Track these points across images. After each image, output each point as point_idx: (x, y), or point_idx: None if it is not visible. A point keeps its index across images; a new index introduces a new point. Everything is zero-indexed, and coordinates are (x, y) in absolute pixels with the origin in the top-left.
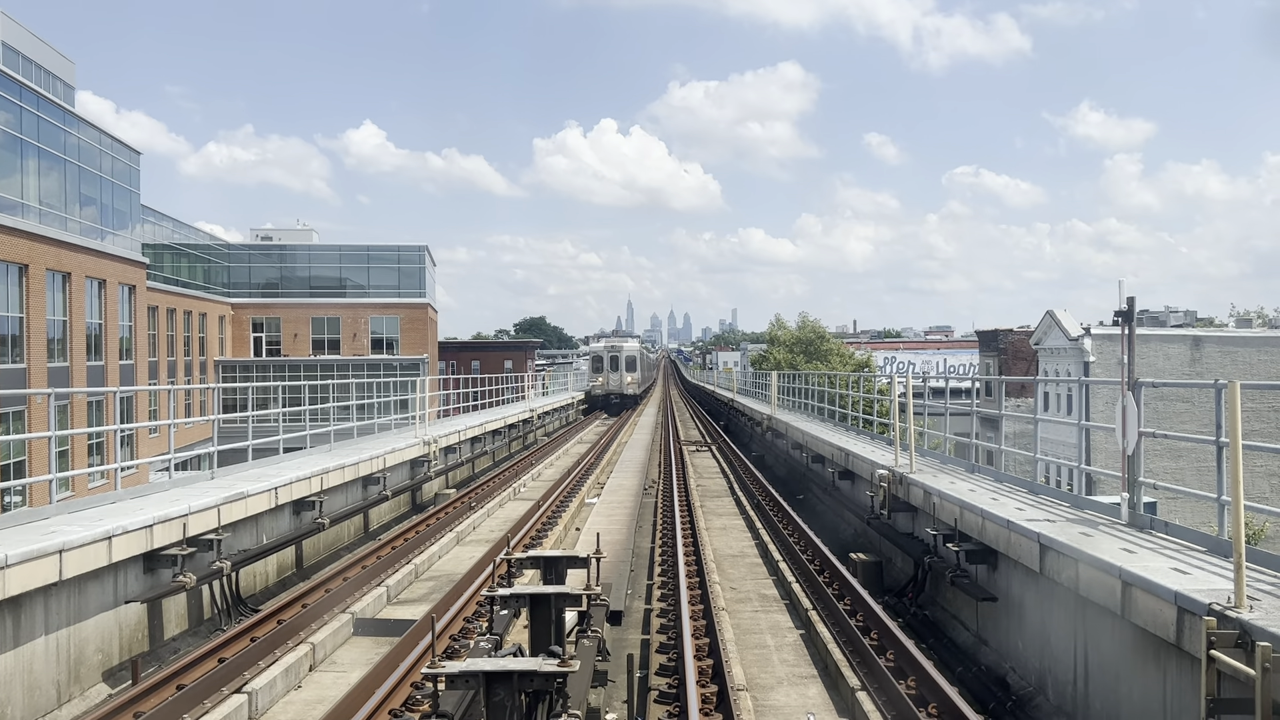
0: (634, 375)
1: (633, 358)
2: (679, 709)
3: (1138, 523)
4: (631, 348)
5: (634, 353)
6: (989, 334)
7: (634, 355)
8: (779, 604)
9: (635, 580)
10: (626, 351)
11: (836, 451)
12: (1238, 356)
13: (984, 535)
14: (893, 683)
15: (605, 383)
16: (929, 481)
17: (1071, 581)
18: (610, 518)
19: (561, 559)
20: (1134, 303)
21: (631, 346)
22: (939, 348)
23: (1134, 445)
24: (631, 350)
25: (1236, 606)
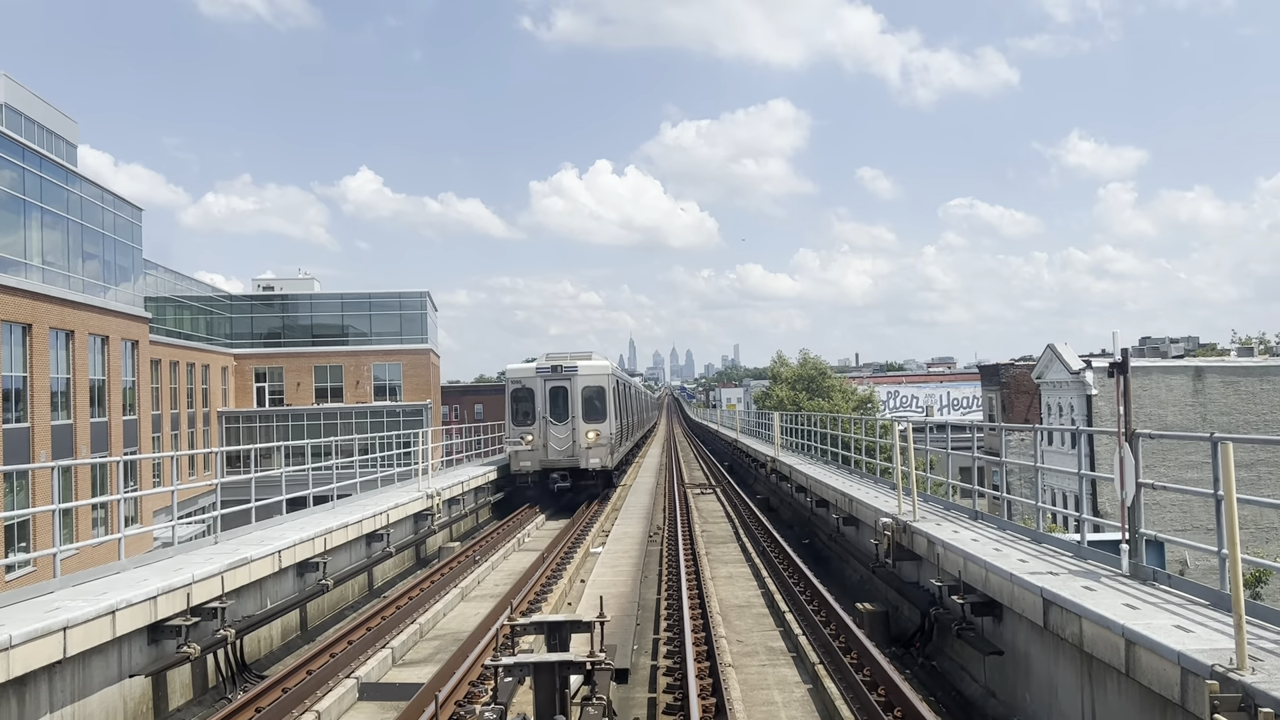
0: (602, 428)
1: (599, 391)
2: None
3: (1140, 575)
4: (596, 371)
5: (601, 381)
6: (990, 368)
7: (601, 386)
8: (786, 657)
9: (641, 634)
10: (585, 379)
11: (840, 497)
12: (1240, 387)
13: (988, 587)
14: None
15: (540, 445)
16: (932, 530)
17: (1076, 637)
18: (615, 568)
19: (565, 624)
20: (1128, 355)
21: (596, 370)
22: (941, 380)
23: (1132, 496)
24: (595, 376)
25: (1239, 668)
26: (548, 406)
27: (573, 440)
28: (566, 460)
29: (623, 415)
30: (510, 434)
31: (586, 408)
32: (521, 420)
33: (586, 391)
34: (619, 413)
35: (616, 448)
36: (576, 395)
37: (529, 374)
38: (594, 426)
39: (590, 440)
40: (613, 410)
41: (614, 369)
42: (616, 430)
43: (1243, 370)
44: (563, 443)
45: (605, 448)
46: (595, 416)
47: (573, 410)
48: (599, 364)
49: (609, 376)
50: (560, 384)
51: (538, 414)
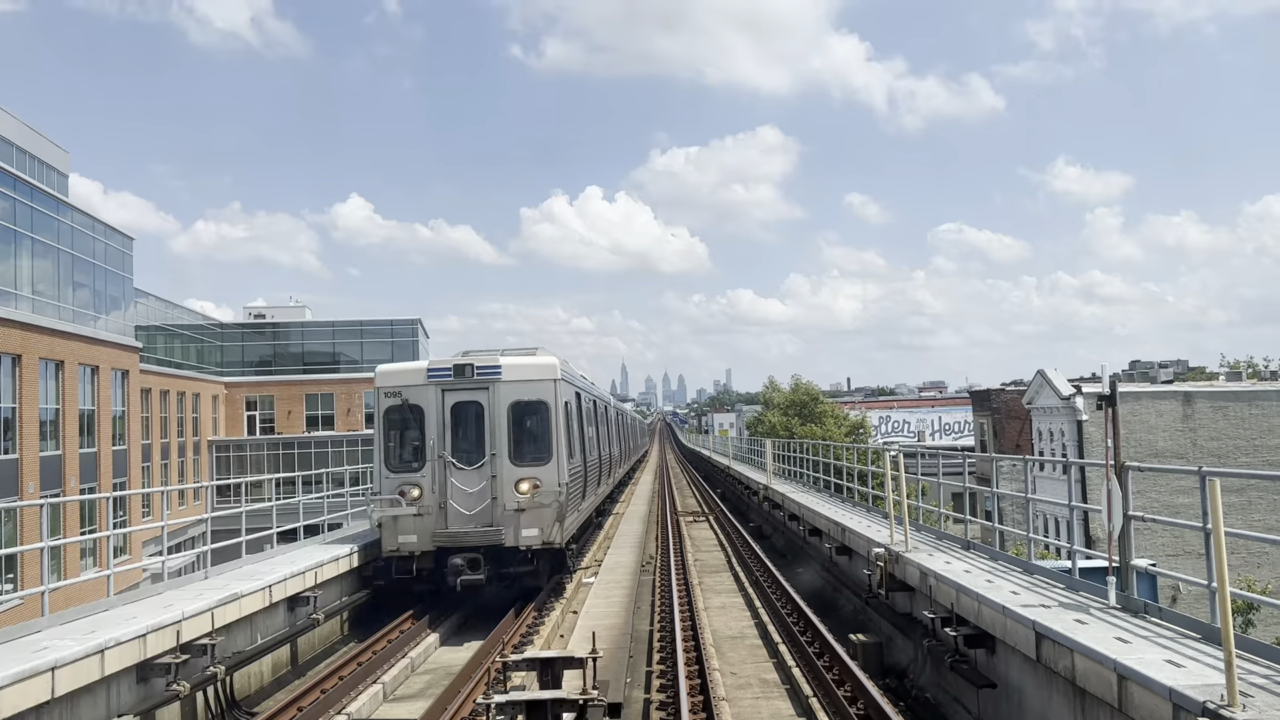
0: (544, 473)
1: (539, 408)
2: None
3: (1131, 607)
4: (535, 375)
5: (543, 391)
6: (981, 393)
7: (542, 401)
8: (779, 689)
9: (634, 667)
10: (515, 389)
11: (833, 526)
12: (1229, 412)
13: (981, 620)
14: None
15: (433, 506)
16: (925, 561)
17: (1068, 671)
18: (608, 599)
19: (557, 660)
20: (1116, 388)
21: (535, 372)
22: (933, 405)
23: (1119, 529)
24: (534, 384)
25: (1230, 705)
26: (447, 437)
27: (492, 497)
28: (479, 532)
29: (590, 448)
30: (380, 485)
31: (518, 437)
32: (399, 462)
33: (518, 409)
34: (582, 445)
35: (575, 505)
36: (500, 416)
37: (414, 380)
38: (531, 472)
39: (525, 497)
40: (565, 441)
41: (569, 372)
42: (575, 476)
43: (1231, 395)
44: (473, 501)
45: (551, 509)
46: (534, 453)
47: (492, 442)
48: (541, 363)
49: (558, 383)
50: (471, 397)
51: (430, 450)
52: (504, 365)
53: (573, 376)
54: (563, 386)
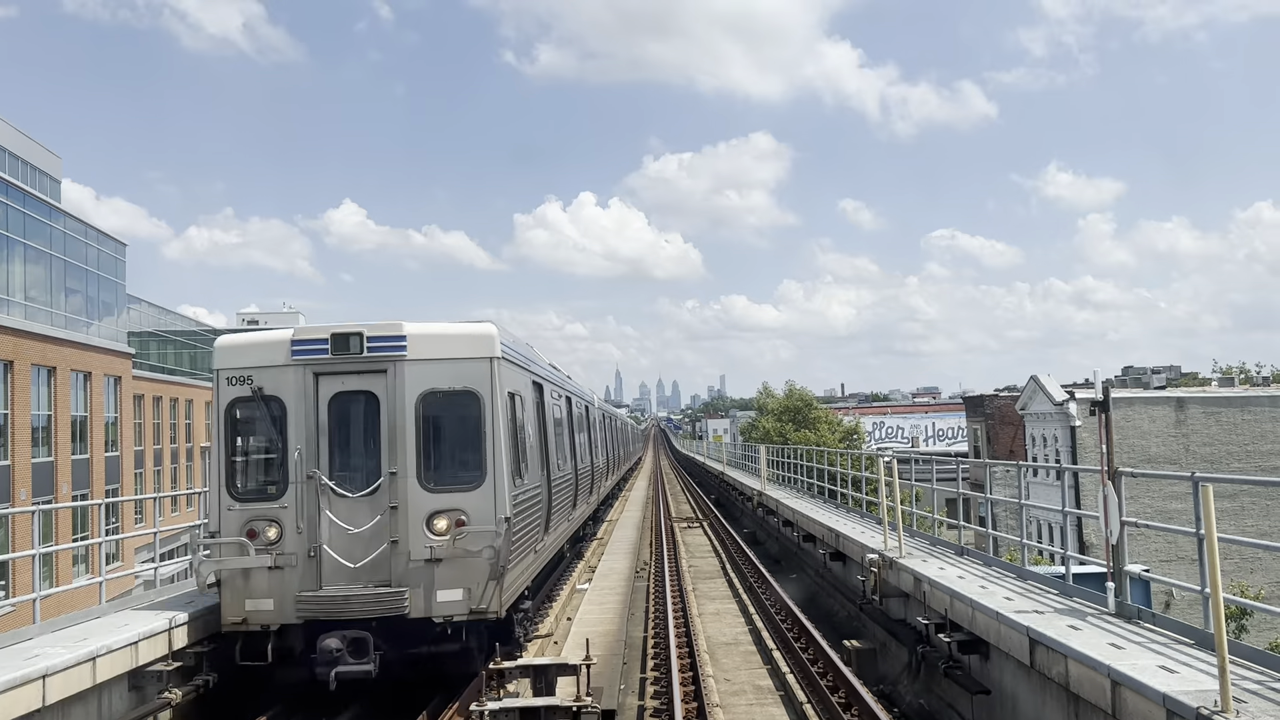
0: (474, 501)
1: (469, 402)
2: None
3: (1125, 613)
4: (460, 353)
5: (474, 378)
6: (975, 399)
7: (473, 392)
8: (773, 696)
9: (628, 674)
10: (427, 374)
11: (827, 532)
12: (1221, 417)
13: (975, 626)
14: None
15: (298, 554)
16: (919, 567)
17: (1062, 677)
18: (602, 605)
19: (551, 667)
20: (1109, 394)
21: (460, 348)
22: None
23: (1116, 535)
24: (457, 366)
25: (1224, 711)
26: (322, 446)
27: (390, 540)
28: (368, 597)
29: (561, 459)
30: (218, 521)
31: (433, 448)
32: (247, 486)
33: (433, 403)
34: (543, 456)
35: (528, 545)
36: (404, 415)
37: (271, 357)
38: (453, 501)
39: (442, 541)
40: (511, 451)
41: (520, 352)
42: (528, 504)
43: (1224, 401)
44: (361, 547)
45: (483, 558)
46: (458, 471)
47: (392, 455)
48: (471, 333)
49: (497, 365)
50: (359, 385)
51: (294, 467)
52: (411, 336)
53: (528, 359)
54: (506, 370)
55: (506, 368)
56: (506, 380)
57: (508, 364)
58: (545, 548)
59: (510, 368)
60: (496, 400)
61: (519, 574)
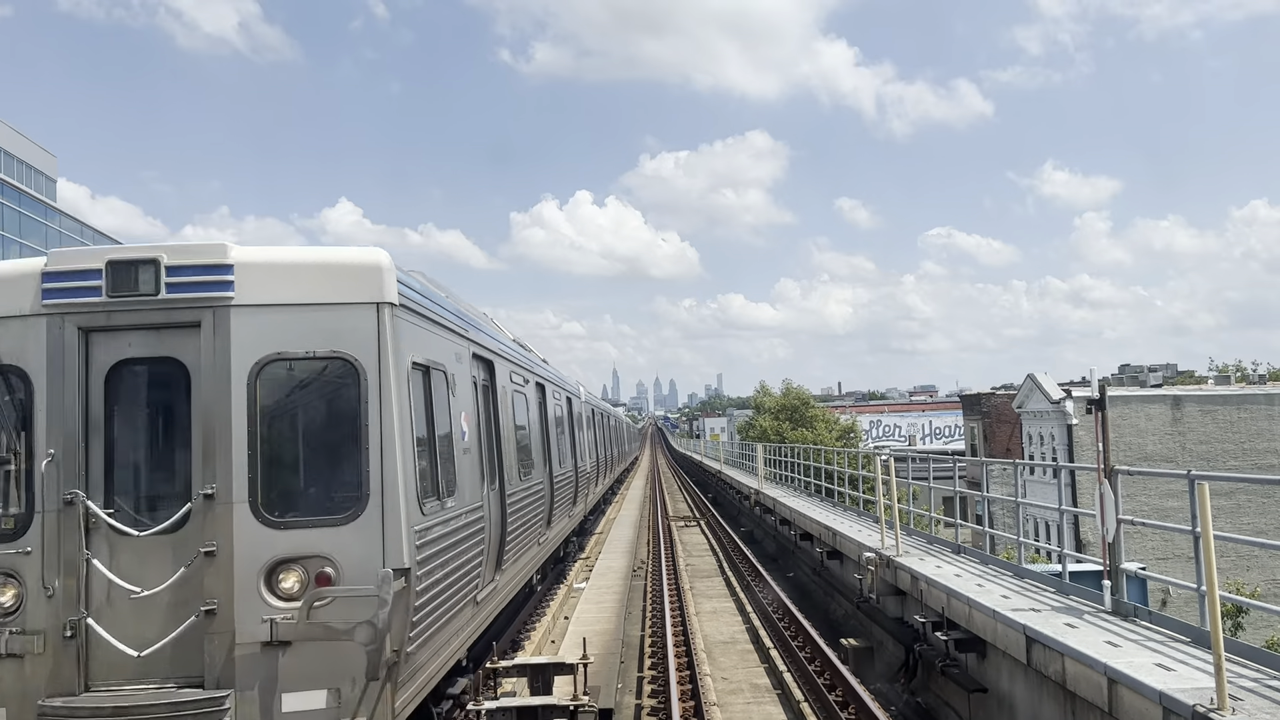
0: (381, 552)
1: (354, 376)
2: None
3: (1121, 611)
4: (338, 284)
5: (351, 346)
6: (972, 397)
7: (354, 363)
8: (771, 694)
9: (625, 673)
10: (290, 317)
11: (824, 530)
12: (1218, 415)
13: (971, 624)
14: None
15: (49, 636)
16: (916, 566)
17: (1059, 675)
18: (599, 604)
19: (549, 666)
20: (1105, 392)
21: (342, 278)
22: (924, 410)
23: (1113, 533)
24: (329, 313)
25: (1219, 709)
26: (88, 450)
27: (202, 609)
28: (163, 710)
29: (518, 469)
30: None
31: (264, 451)
32: None
33: (274, 380)
34: (487, 468)
35: (461, 605)
36: (231, 400)
37: (11, 302)
38: (312, 542)
39: (286, 608)
40: (405, 462)
41: (439, 305)
42: (461, 540)
43: (1220, 399)
44: (155, 619)
45: (362, 644)
46: (321, 494)
47: (208, 465)
48: (346, 263)
49: (389, 315)
50: (154, 348)
51: (41, 484)
52: (243, 266)
53: (464, 320)
54: (411, 329)
55: (411, 324)
56: (410, 343)
57: (414, 317)
58: (497, 590)
59: (419, 325)
60: (388, 374)
61: (439, 649)
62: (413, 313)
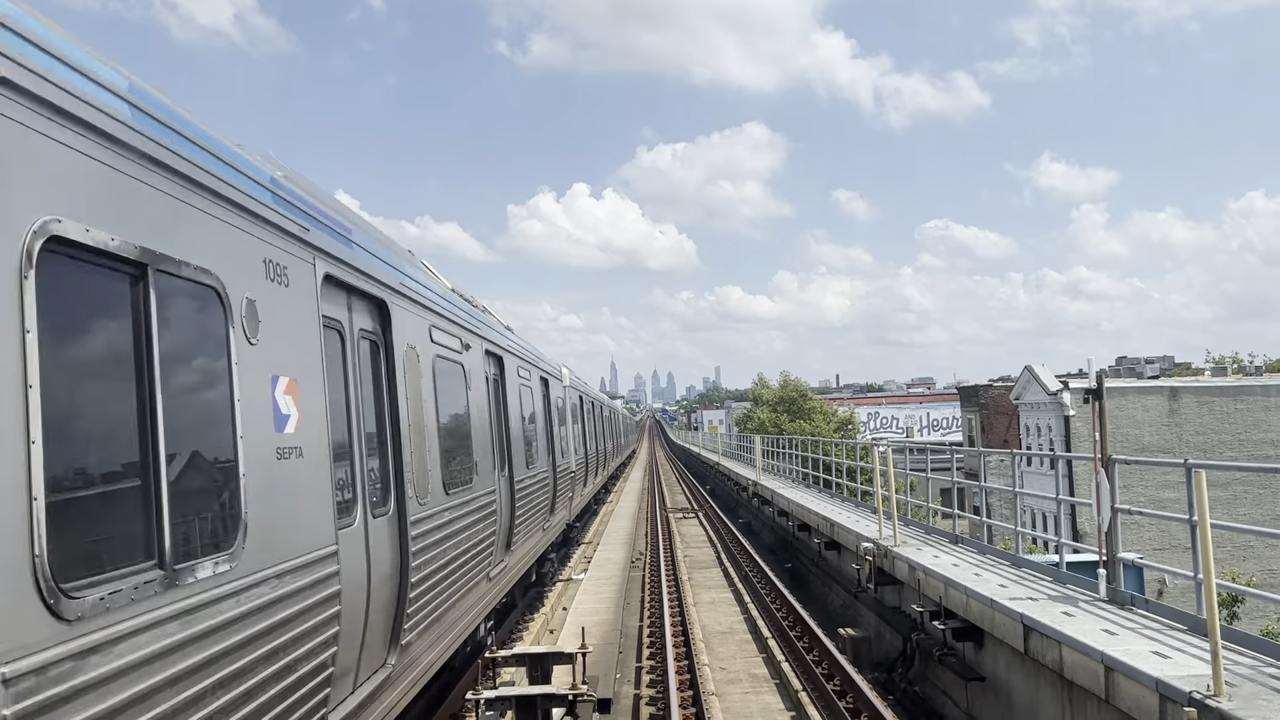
0: None
1: None
2: None
3: (1118, 599)
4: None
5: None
6: (969, 389)
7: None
8: (769, 684)
9: (624, 663)
10: None
11: (822, 521)
12: (1215, 406)
13: (969, 613)
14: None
15: None
16: (913, 556)
17: (1056, 663)
18: (598, 595)
19: (547, 655)
20: (1103, 381)
21: None
22: (921, 402)
23: (1109, 522)
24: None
25: (1216, 695)
26: None
27: None
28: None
29: (441, 473)
30: None
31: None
32: None
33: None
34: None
35: None
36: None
37: None
38: None
39: None
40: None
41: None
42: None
43: (1216, 390)
44: None
45: None
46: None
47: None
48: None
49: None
50: None
51: None
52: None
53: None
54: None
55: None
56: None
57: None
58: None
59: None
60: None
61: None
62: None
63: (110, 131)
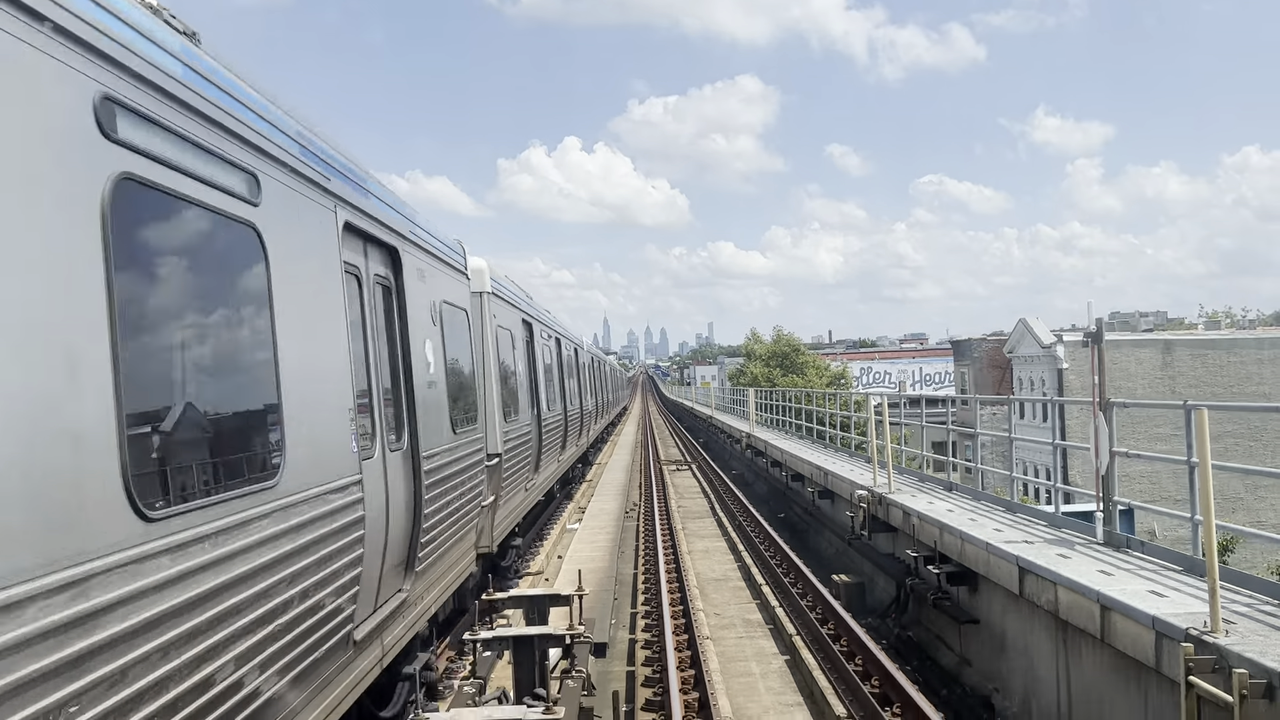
0: None
1: None
2: None
3: (1114, 542)
4: None
5: None
6: (963, 343)
7: None
8: (763, 629)
9: (619, 609)
10: None
11: (815, 470)
12: (1208, 359)
13: (964, 557)
14: (879, 711)
15: None
16: (908, 502)
17: (1051, 604)
18: (592, 544)
19: (544, 598)
20: (1102, 325)
21: None
22: (914, 356)
23: (1106, 465)
24: None
25: (1213, 631)
26: None
27: None
28: None
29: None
30: None
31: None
32: None
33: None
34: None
35: None
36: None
37: None
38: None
39: None
40: None
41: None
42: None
43: (1209, 343)
44: None
45: None
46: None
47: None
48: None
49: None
50: None
51: None
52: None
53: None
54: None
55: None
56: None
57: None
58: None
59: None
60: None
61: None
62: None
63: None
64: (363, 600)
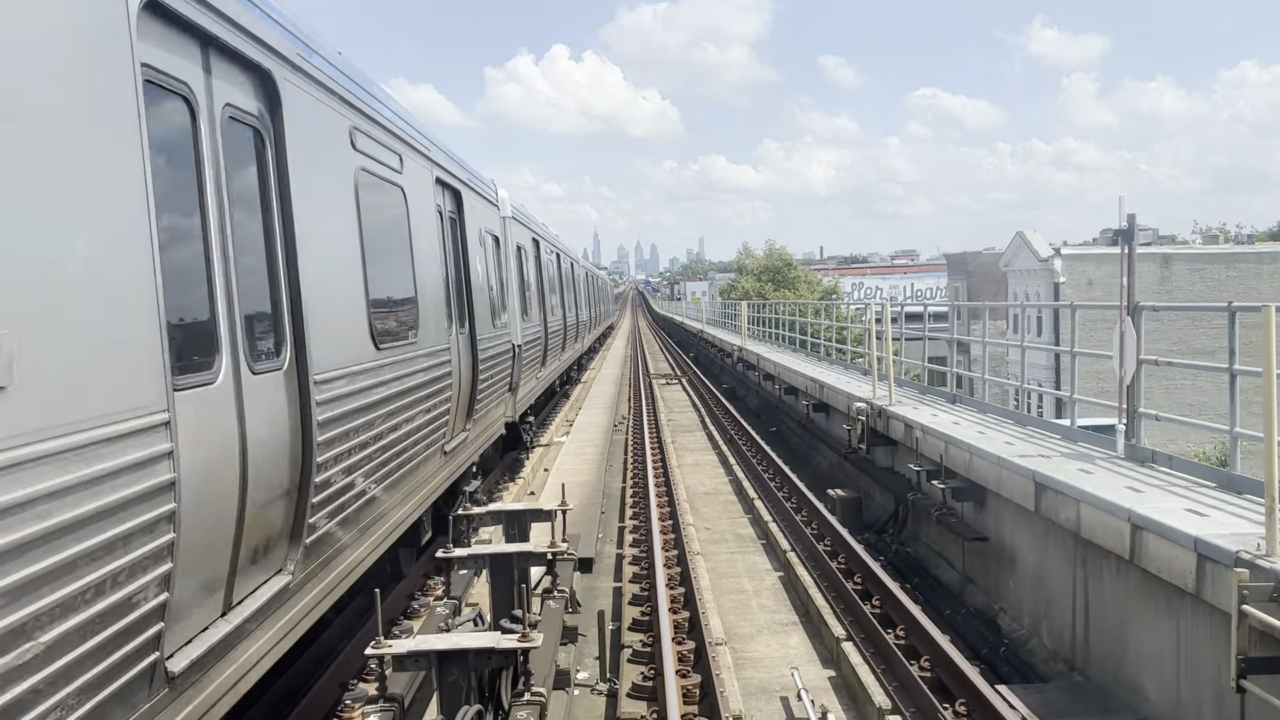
0: None
1: None
2: (654, 670)
3: (1137, 456)
4: None
5: None
6: (957, 257)
7: None
8: (755, 544)
9: (606, 523)
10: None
11: (810, 383)
12: (1207, 274)
13: (972, 471)
14: (881, 633)
15: None
16: (910, 415)
17: (1071, 523)
18: (580, 456)
19: (525, 513)
20: (1134, 220)
21: None
22: (906, 272)
23: (1132, 374)
24: None
25: (1269, 555)
26: None
27: None
28: None
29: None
30: None
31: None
32: None
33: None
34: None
35: None
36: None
37: None
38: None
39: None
40: None
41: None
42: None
43: (1209, 257)
44: None
45: None
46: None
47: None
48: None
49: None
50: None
51: None
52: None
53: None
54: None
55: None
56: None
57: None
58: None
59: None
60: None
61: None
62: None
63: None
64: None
